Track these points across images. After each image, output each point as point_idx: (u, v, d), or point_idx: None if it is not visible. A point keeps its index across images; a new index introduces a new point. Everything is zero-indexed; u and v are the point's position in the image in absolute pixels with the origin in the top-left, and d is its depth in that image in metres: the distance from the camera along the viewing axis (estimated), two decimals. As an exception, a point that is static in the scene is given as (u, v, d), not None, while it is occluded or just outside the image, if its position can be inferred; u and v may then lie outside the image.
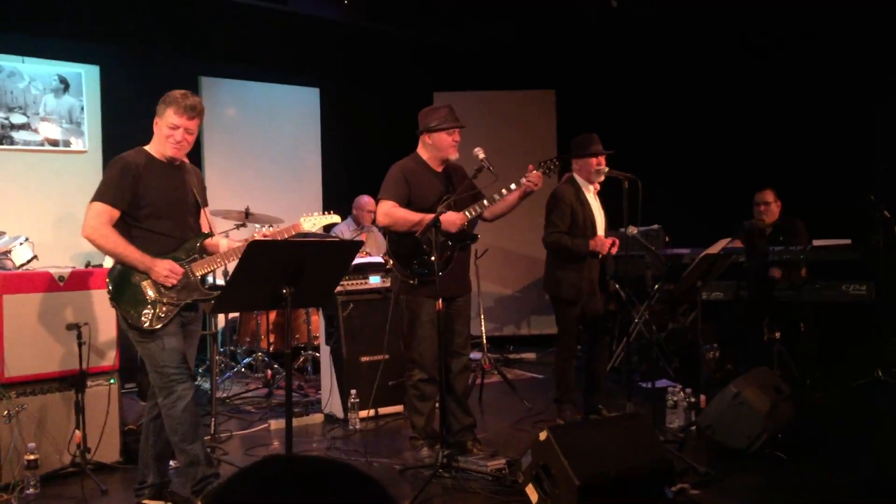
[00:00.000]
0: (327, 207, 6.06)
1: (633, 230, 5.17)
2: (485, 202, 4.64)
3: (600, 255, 5.40)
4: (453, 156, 4.74)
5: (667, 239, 6.96)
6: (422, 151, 4.78)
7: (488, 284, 8.24)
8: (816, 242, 6.24)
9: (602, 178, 5.43)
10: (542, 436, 3.64)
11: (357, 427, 5.48)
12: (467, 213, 4.60)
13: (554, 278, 5.46)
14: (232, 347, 7.31)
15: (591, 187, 5.49)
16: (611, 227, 5.67)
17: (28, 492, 4.10)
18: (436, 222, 4.37)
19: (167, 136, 3.79)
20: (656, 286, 5.47)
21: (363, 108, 8.98)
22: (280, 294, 3.37)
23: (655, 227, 6.89)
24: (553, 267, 5.49)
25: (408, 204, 4.62)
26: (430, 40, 8.79)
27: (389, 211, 4.61)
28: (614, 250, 5.37)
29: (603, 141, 5.48)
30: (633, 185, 5.02)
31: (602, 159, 5.41)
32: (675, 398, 5.34)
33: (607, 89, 8.48)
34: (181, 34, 7.74)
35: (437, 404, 4.68)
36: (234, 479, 0.93)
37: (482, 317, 7.37)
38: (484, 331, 7.24)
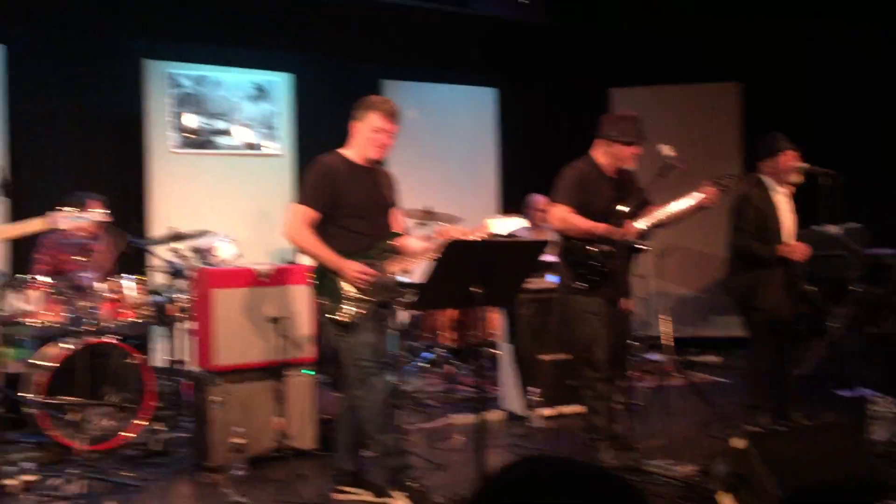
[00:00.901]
0: (503, 207, 6.11)
1: (833, 229, 4.87)
2: (658, 214, 4.53)
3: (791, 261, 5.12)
4: (631, 167, 4.66)
5: (870, 238, 6.48)
6: (598, 155, 4.67)
7: (668, 284, 8.01)
8: None
9: (800, 178, 5.13)
10: (741, 443, 3.50)
11: (538, 425, 5.50)
12: (644, 225, 4.51)
13: (736, 283, 5.24)
14: (413, 343, 7.52)
15: (782, 189, 5.21)
16: (803, 226, 5.35)
17: (236, 473, 4.39)
18: (619, 224, 4.30)
19: (371, 139, 3.97)
20: (858, 289, 5.11)
21: (539, 107, 8.96)
22: (470, 293, 3.44)
23: (857, 225, 6.42)
24: (735, 271, 5.26)
25: (579, 207, 4.57)
26: (607, 35, 8.65)
27: (564, 216, 4.57)
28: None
29: (795, 136, 5.19)
30: (834, 182, 4.73)
31: (797, 155, 5.13)
32: (880, 408, 4.98)
33: (798, 81, 7.99)
34: (365, 40, 8.05)
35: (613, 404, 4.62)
36: (497, 478, 0.96)
37: (665, 318, 7.17)
38: (667, 332, 7.03)
